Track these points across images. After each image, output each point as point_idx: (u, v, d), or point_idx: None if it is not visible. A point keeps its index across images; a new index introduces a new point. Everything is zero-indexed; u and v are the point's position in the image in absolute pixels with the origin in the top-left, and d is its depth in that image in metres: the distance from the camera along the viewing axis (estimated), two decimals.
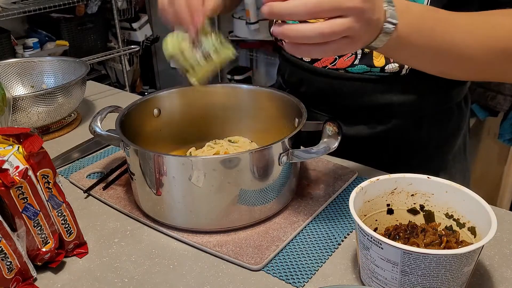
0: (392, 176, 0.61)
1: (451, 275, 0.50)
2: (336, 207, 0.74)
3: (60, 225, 0.63)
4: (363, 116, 0.86)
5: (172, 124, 0.84)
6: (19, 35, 2.71)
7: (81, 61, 1.09)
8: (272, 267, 0.62)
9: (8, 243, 0.57)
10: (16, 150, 0.59)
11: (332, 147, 0.66)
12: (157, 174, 0.66)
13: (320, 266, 0.62)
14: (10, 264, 0.57)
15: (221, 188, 0.65)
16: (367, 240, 0.53)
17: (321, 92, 0.87)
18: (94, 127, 0.74)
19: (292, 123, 0.76)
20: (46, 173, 0.60)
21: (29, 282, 0.60)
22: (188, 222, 0.68)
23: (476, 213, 0.57)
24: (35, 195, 0.58)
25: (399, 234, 0.59)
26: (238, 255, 0.63)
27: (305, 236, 0.68)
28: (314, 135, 0.71)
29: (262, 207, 0.69)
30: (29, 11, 2.36)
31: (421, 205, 0.62)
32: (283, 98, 0.80)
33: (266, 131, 0.83)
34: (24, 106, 0.92)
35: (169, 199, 0.67)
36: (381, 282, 0.54)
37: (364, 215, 0.61)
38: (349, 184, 0.79)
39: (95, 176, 0.83)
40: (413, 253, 0.49)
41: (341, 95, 0.85)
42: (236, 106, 0.85)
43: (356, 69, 0.82)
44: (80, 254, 0.66)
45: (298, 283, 0.59)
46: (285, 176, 0.69)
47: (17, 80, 1.11)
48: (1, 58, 1.49)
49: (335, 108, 0.88)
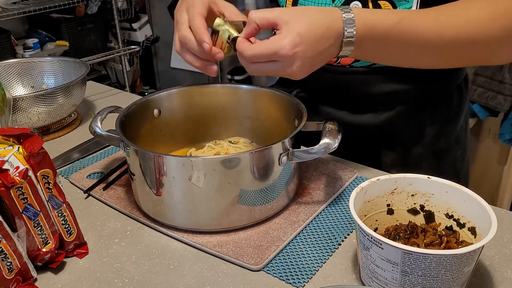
0: (392, 176, 0.61)
1: (451, 275, 0.50)
2: (336, 207, 0.74)
3: (60, 225, 0.63)
4: (369, 105, 0.88)
5: (172, 124, 0.84)
6: (19, 35, 2.71)
7: (81, 62, 1.09)
8: (272, 267, 0.62)
9: (8, 243, 0.57)
10: (16, 151, 0.59)
11: (332, 147, 0.66)
12: (157, 174, 0.66)
13: (320, 266, 0.62)
14: (10, 264, 0.57)
15: (221, 188, 0.65)
16: (367, 240, 0.53)
17: (328, 87, 0.89)
18: (94, 127, 0.74)
19: (292, 123, 0.77)
20: (46, 173, 0.60)
21: (29, 283, 0.60)
22: (188, 222, 0.68)
23: (476, 213, 0.57)
24: (35, 196, 0.58)
25: (399, 234, 0.59)
26: (238, 255, 0.63)
27: (305, 236, 0.68)
28: (314, 135, 0.71)
29: (262, 207, 0.69)
30: (29, 11, 2.36)
31: (421, 205, 0.62)
32: (283, 98, 0.80)
33: (266, 131, 0.83)
34: (24, 106, 0.92)
35: (169, 199, 0.67)
36: (381, 282, 0.54)
37: (364, 215, 0.61)
38: (349, 184, 0.79)
39: (95, 176, 0.83)
40: (413, 253, 0.49)
41: (347, 88, 0.87)
42: (236, 106, 0.85)
43: (360, 63, 0.84)
44: (80, 254, 0.66)
45: (298, 283, 0.59)
46: (285, 176, 0.69)
47: (17, 81, 1.11)
48: (1, 58, 1.49)
49: (342, 100, 0.89)
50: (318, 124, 0.72)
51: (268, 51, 0.63)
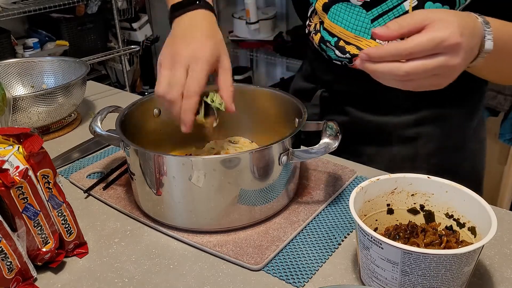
0: (392, 176, 0.61)
1: (451, 275, 0.50)
2: (336, 207, 0.74)
3: (60, 225, 0.63)
4: (394, 107, 0.87)
5: (172, 124, 0.83)
6: (19, 35, 2.71)
7: (81, 61, 1.09)
8: (272, 267, 0.62)
9: (8, 243, 0.57)
10: (16, 150, 0.59)
11: (332, 147, 0.66)
12: (157, 174, 0.66)
13: (320, 266, 0.62)
14: (10, 264, 0.57)
15: (221, 188, 0.65)
16: (367, 240, 0.53)
17: (353, 88, 0.89)
18: (94, 127, 0.74)
19: (292, 123, 0.76)
20: (46, 173, 0.60)
21: (29, 282, 0.60)
22: (188, 222, 0.68)
23: (476, 213, 0.57)
24: (35, 195, 0.58)
25: (399, 234, 0.59)
26: (238, 255, 0.63)
27: (305, 236, 0.68)
28: (314, 135, 0.71)
29: (262, 207, 0.69)
30: (29, 11, 2.36)
31: (421, 205, 0.62)
32: (283, 98, 0.80)
33: (266, 131, 0.83)
34: (24, 106, 0.92)
35: (169, 199, 0.67)
36: (381, 282, 0.54)
37: (364, 215, 0.61)
38: (349, 184, 0.79)
39: (95, 176, 0.83)
40: (413, 253, 0.49)
41: (373, 90, 0.86)
42: (236, 106, 0.85)
43: None
44: (80, 254, 0.66)
45: (298, 283, 0.59)
46: (285, 176, 0.69)
47: (17, 80, 1.11)
48: (1, 58, 1.48)
49: (365, 101, 0.89)
50: (318, 124, 0.72)
51: (433, 41, 0.56)
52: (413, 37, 0.56)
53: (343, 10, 0.82)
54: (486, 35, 0.60)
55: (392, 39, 0.58)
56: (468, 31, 0.58)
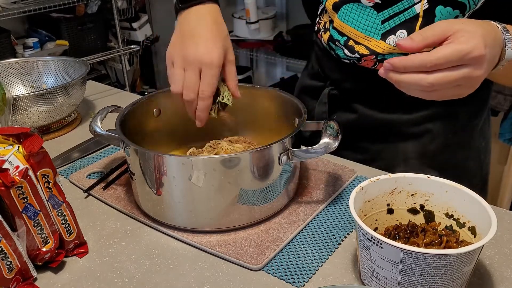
0: (392, 175, 0.61)
1: (451, 275, 0.50)
2: (336, 207, 0.74)
3: (60, 225, 0.63)
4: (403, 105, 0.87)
5: (172, 124, 0.84)
6: (19, 35, 2.71)
7: (81, 61, 1.09)
8: (272, 267, 0.62)
9: (8, 243, 0.57)
10: (16, 150, 0.59)
11: (332, 147, 0.66)
12: (157, 174, 0.66)
13: (320, 266, 0.62)
14: (10, 264, 0.57)
15: (221, 188, 0.65)
16: (367, 240, 0.53)
17: (362, 86, 0.89)
18: (94, 127, 0.73)
19: (292, 123, 0.77)
20: (46, 173, 0.60)
21: (29, 282, 0.60)
22: (188, 222, 0.68)
23: (476, 212, 0.57)
24: (35, 195, 0.58)
25: (399, 234, 0.59)
26: (238, 255, 0.63)
27: (305, 236, 0.68)
28: (314, 135, 0.71)
29: (262, 207, 0.69)
30: (29, 11, 2.36)
31: (421, 205, 0.62)
32: (283, 98, 0.80)
33: (266, 131, 0.83)
34: (24, 106, 0.92)
35: (169, 199, 0.67)
36: (381, 282, 0.54)
37: (364, 215, 0.61)
38: (349, 184, 0.79)
39: (95, 176, 0.83)
40: (413, 253, 0.49)
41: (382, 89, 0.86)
42: (236, 106, 0.85)
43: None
44: (80, 254, 0.66)
45: (298, 283, 0.59)
46: (285, 176, 0.69)
47: (17, 80, 1.11)
48: (1, 58, 1.48)
49: (374, 99, 0.89)
50: (318, 124, 0.72)
51: (458, 54, 0.56)
52: (438, 49, 0.57)
53: (354, 10, 0.82)
54: (507, 44, 0.61)
55: (417, 51, 0.58)
56: (491, 42, 0.59)
